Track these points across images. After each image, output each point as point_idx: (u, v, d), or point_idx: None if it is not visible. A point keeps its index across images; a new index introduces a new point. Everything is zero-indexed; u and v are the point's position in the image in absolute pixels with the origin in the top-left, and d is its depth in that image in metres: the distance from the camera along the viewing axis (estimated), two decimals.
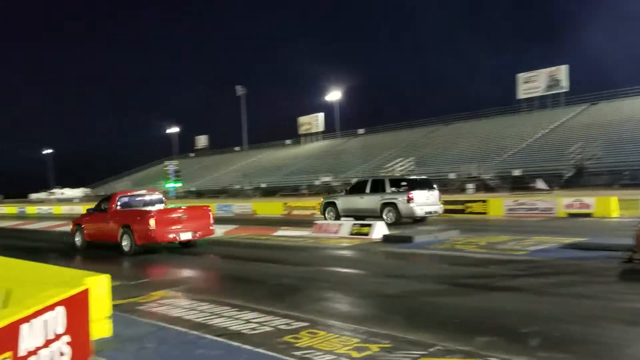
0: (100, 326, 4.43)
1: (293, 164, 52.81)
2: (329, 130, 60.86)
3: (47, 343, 3.39)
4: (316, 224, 13.95)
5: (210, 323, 5.15)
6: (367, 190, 16.93)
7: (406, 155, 41.35)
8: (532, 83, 45.61)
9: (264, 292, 6.74)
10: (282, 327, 4.90)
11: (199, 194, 51.74)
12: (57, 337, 3.54)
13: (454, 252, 9.73)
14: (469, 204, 19.98)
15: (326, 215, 18.02)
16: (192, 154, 74.56)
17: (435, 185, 17.10)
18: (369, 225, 12.73)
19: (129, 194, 13.41)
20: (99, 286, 4.39)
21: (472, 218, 18.65)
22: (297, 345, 4.32)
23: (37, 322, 3.29)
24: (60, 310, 3.61)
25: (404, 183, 16.47)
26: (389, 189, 16.45)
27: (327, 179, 42.00)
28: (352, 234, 12.75)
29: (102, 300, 4.45)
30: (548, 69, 45.06)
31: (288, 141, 63.85)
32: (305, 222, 17.64)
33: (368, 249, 10.92)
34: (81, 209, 32.71)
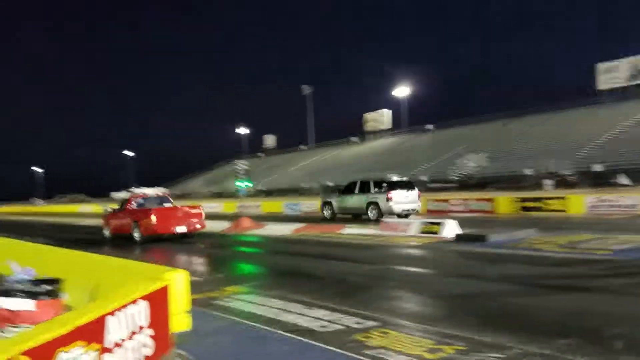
0: (180, 320, 4.63)
1: (359, 162, 52.68)
2: (396, 126, 60.18)
3: (131, 335, 3.59)
4: (383, 222, 13.84)
5: (281, 319, 5.24)
6: (356, 191, 19.36)
7: (478, 150, 40.06)
8: (613, 73, 42.72)
9: (332, 290, 6.76)
10: (352, 325, 4.90)
11: (268, 193, 52.93)
12: (141, 329, 3.74)
13: (531, 251, 9.33)
14: (546, 201, 19.10)
15: (324, 212, 20.56)
16: (260, 154, 76.32)
17: (415, 186, 19.24)
18: (439, 223, 12.46)
19: (142, 196, 16.15)
20: (178, 281, 4.58)
21: (550, 216, 17.82)
22: (368, 344, 4.31)
23: (122, 315, 3.49)
24: (143, 304, 3.81)
25: (384, 184, 18.57)
26: (373, 189, 18.66)
27: (394, 177, 41.54)
28: (421, 233, 12.54)
29: (181, 295, 4.65)
30: (630, 58, 42.02)
31: (354, 139, 63.77)
32: (372, 220, 17.58)
33: (439, 247, 10.69)
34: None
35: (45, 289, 3.84)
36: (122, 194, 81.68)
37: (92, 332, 3.09)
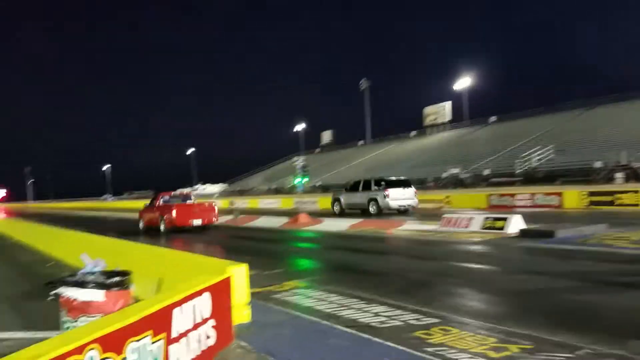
0: (240, 312, 4.76)
1: (418, 156, 51.85)
2: (457, 119, 58.74)
3: (196, 326, 3.72)
4: (445, 217, 13.57)
5: (340, 314, 5.26)
6: (360, 188, 21.84)
7: (544, 143, 38.37)
8: None
9: (392, 286, 6.71)
10: (412, 322, 4.84)
11: (324, 189, 53.16)
12: (204, 321, 3.87)
13: (602, 247, 8.87)
14: (618, 195, 18.07)
15: (334, 208, 23.07)
16: (317, 150, 76.78)
17: (411, 184, 21.57)
18: (504, 218, 12.06)
19: (168, 194, 19.19)
20: (239, 275, 4.71)
21: (621, 210, 16.84)
22: (429, 341, 4.24)
23: (187, 306, 3.63)
24: (207, 296, 3.94)
25: (383, 182, 21.00)
26: (373, 187, 21.08)
27: (455, 170, 40.57)
28: (484, 228, 12.19)
29: (242, 288, 4.78)
30: None
31: (413, 133, 62.83)
32: (431, 216, 17.28)
33: (503, 243, 10.36)
34: (219, 202, 35.80)
35: (115, 280, 4.04)
36: (185, 191, 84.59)
37: (160, 322, 3.23)
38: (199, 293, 3.84)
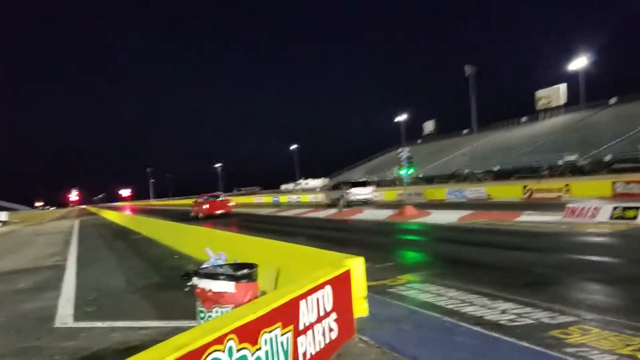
0: (359, 305, 4.72)
1: (530, 143, 48.76)
2: (573, 102, 54.41)
3: (320, 319, 3.74)
4: (569, 207, 12.58)
5: (462, 311, 5.03)
6: (338, 187, 31.15)
7: None
8: None
9: (515, 281, 6.32)
10: (545, 320, 4.50)
11: (428, 180, 51.87)
12: (327, 314, 3.87)
13: None
14: None
15: (326, 201, 31.87)
16: (419, 140, 75.17)
17: (368, 184, 30.14)
18: (636, 208, 10.92)
19: (205, 195, 30.49)
20: (357, 267, 4.67)
21: None
22: (567, 341, 3.91)
23: (312, 299, 3.65)
24: (328, 289, 3.95)
25: (348, 184, 30.00)
26: (344, 187, 29.86)
27: (572, 157, 37.68)
28: (613, 219, 11.13)
29: (359, 281, 4.74)
30: None
31: (524, 118, 59.23)
32: (550, 206, 16.14)
33: (636, 235, 9.38)
34: (319, 196, 36.97)
35: (244, 272, 4.17)
36: (290, 186, 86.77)
37: (288, 315, 3.28)
38: (321, 286, 3.85)
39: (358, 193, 29.05)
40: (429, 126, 75.06)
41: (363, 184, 30.22)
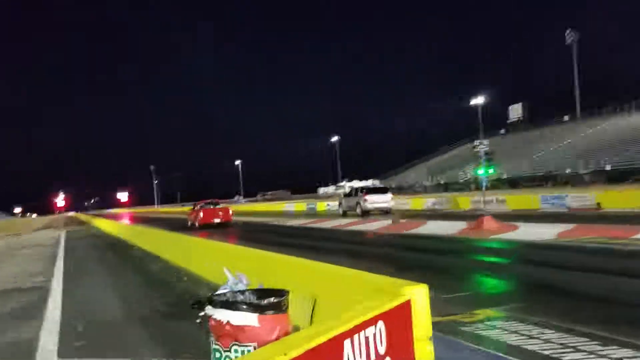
0: (421, 349, 4.64)
1: None
2: None
3: None
4: None
5: (566, 359, 4.90)
6: (352, 194, 35.56)
7: None
8: None
9: (636, 320, 6.10)
10: None
11: (513, 183, 50.89)
12: (379, 358, 3.81)
13: None
14: None
15: (340, 210, 36.76)
16: (502, 131, 73.90)
17: (388, 191, 34.82)
18: None
19: (203, 202, 35.27)
20: (418, 298, 4.59)
21: None
22: None
23: (359, 338, 3.57)
24: (381, 326, 3.87)
25: (363, 190, 34.58)
26: (360, 193, 33.85)
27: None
28: None
29: (422, 316, 4.65)
30: None
31: None
32: None
33: None
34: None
35: (271, 301, 4.17)
36: (329, 189, 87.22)
37: (329, 358, 3.24)
38: (372, 321, 3.79)
39: (376, 201, 32.94)
40: (515, 111, 73.50)
41: (382, 191, 34.63)
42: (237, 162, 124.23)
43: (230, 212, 34.54)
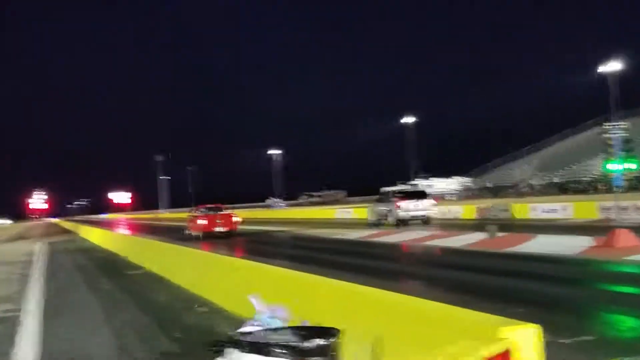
0: None
1: None
2: None
3: None
4: None
5: None
6: (384, 199, 38.82)
7: None
8: None
9: None
10: None
11: None
12: None
13: None
14: None
15: (370, 219, 39.75)
16: None
17: (427, 195, 38.69)
18: None
19: (203, 207, 40.32)
20: (524, 343, 4.46)
21: None
22: None
23: None
24: None
25: (396, 194, 37.87)
26: (392, 198, 37.09)
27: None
28: None
29: None
30: None
31: None
32: None
33: None
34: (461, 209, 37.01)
35: (316, 343, 4.12)
36: (397, 189, 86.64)
37: None
38: None
39: (412, 208, 36.32)
40: None
41: (419, 195, 38.23)
42: (275, 152, 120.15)
43: (235, 219, 37.86)
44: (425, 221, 36.07)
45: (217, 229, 35.55)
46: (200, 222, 36.28)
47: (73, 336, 10.09)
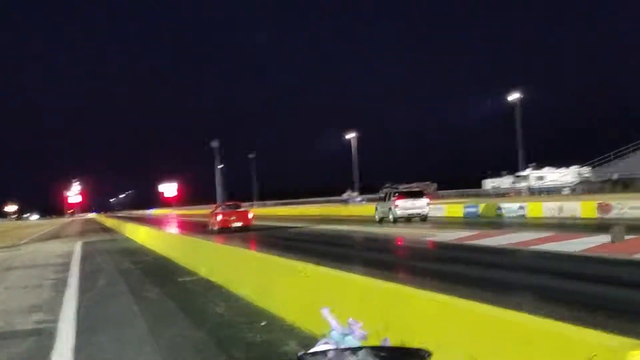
0: None
1: None
2: None
3: None
4: None
5: None
6: (386, 198, 51.31)
7: None
8: None
9: None
10: None
11: None
12: None
13: None
14: None
15: (376, 217, 51.61)
16: None
17: (424, 194, 50.91)
18: None
19: (224, 204, 61.91)
20: None
21: None
22: None
23: None
24: None
25: (395, 193, 50.02)
26: (392, 197, 48.91)
27: None
28: None
29: None
30: None
31: None
32: None
33: None
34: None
35: None
36: (504, 182, 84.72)
37: None
38: None
39: (408, 207, 46.98)
40: None
41: (415, 195, 48.76)
42: (350, 135, 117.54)
43: (250, 215, 51.15)
44: (423, 219, 46.60)
45: (233, 225, 47.47)
46: (218, 217, 48.69)
47: (115, 354, 10.13)
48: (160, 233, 38.24)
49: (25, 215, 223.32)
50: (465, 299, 6.92)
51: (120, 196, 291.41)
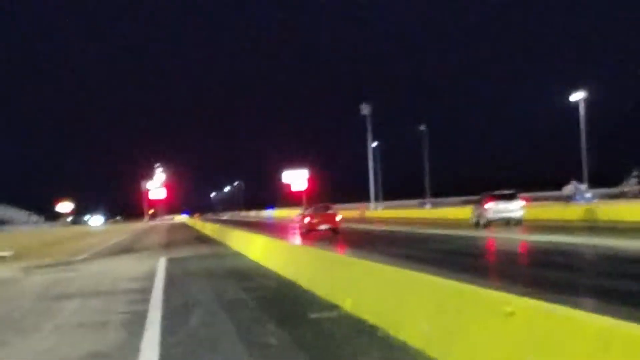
0: None
1: None
2: None
3: None
4: None
5: None
6: (479, 201, 52.14)
7: None
8: None
9: None
10: None
11: None
12: None
13: None
14: None
15: (471, 220, 52.89)
16: None
17: (516, 196, 50.26)
18: None
19: (315, 206, 63.24)
20: None
21: None
22: None
23: None
24: None
25: (488, 196, 50.60)
26: (482, 200, 51.16)
27: None
28: None
29: None
30: None
31: None
32: None
33: None
34: None
35: None
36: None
37: None
38: None
39: (500, 210, 47.04)
40: None
41: (508, 197, 47.98)
42: (576, 96, 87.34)
43: (338, 218, 52.05)
44: (517, 222, 46.73)
45: (321, 227, 49.40)
46: (305, 220, 51.14)
47: None
48: (282, 245, 30.13)
49: (85, 218, 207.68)
50: None
51: (225, 189, 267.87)
